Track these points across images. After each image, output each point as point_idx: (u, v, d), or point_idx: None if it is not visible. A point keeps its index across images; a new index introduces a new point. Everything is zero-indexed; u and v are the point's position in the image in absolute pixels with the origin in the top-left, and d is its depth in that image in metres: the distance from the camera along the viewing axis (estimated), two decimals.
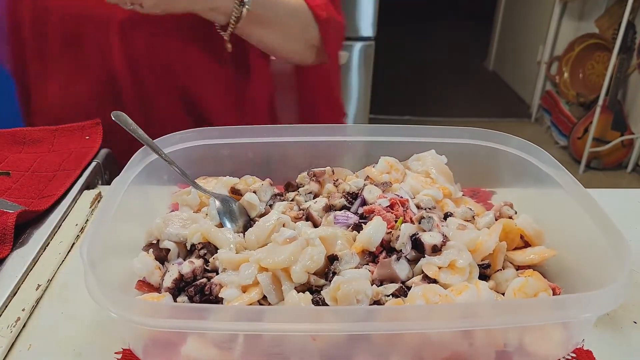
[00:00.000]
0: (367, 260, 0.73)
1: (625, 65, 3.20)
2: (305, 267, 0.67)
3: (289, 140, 0.91)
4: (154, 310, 0.57)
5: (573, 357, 0.67)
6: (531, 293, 0.69)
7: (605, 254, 0.69)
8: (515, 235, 0.79)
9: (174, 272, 0.71)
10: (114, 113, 0.85)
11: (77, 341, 0.68)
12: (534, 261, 0.76)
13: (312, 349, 0.61)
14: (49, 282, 0.78)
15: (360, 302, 0.64)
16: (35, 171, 0.98)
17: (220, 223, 0.81)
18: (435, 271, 0.69)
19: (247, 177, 0.92)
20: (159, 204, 0.88)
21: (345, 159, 0.93)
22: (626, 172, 3.46)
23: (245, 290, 0.68)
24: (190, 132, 0.89)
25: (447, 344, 0.63)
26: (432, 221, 0.75)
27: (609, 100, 3.25)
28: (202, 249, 0.74)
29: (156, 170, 0.84)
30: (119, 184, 0.76)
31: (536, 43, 4.16)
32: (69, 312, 0.73)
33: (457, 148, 0.92)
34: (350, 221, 0.78)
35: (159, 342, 0.63)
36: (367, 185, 0.84)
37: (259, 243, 0.75)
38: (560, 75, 3.80)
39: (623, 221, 0.71)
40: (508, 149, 0.89)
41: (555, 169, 0.82)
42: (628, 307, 0.76)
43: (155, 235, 0.78)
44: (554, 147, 3.75)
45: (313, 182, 0.88)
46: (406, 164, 0.93)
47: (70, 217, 0.92)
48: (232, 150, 0.91)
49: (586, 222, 0.73)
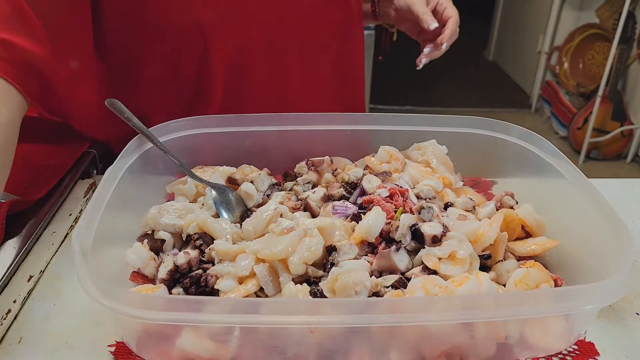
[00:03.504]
0: (366, 251, 0.72)
1: (626, 55, 3.18)
2: (303, 258, 0.66)
3: (287, 129, 0.90)
4: (147, 303, 0.56)
5: (575, 349, 0.67)
6: (533, 284, 0.69)
7: (608, 244, 0.68)
8: (517, 225, 0.79)
9: (169, 263, 0.70)
10: (108, 101, 0.84)
11: (70, 334, 0.67)
12: (536, 252, 0.76)
13: (310, 341, 0.60)
14: (41, 273, 0.76)
15: (359, 293, 0.63)
16: (28, 160, 0.97)
17: (216, 213, 0.80)
18: (435, 262, 0.68)
19: (245, 166, 0.91)
20: (154, 193, 0.87)
21: (344, 148, 0.92)
22: (626, 163, 3.45)
23: (242, 281, 0.67)
24: (186, 120, 0.88)
25: (447, 337, 0.62)
26: (432, 211, 0.73)
27: (609, 90, 3.24)
28: (198, 240, 0.73)
29: (151, 159, 0.83)
30: (112, 172, 0.74)
31: (536, 33, 4.14)
32: (61, 304, 0.71)
33: (457, 137, 0.91)
34: (349, 211, 0.77)
35: (153, 335, 0.62)
36: (367, 175, 0.84)
37: (256, 234, 0.74)
38: (561, 65, 3.78)
39: (623, 211, 0.70)
40: (509, 138, 0.88)
41: (557, 159, 0.81)
42: (630, 299, 0.75)
43: (150, 226, 0.77)
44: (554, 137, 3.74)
45: (311, 172, 0.87)
46: (406, 153, 0.92)
47: (64, 207, 0.91)
48: (229, 139, 0.90)
49: (589, 212, 0.72)
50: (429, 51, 1.06)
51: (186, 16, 0.92)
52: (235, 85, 1.02)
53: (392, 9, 1.11)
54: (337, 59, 1.12)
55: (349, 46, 1.13)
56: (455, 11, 1.05)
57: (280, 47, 1.02)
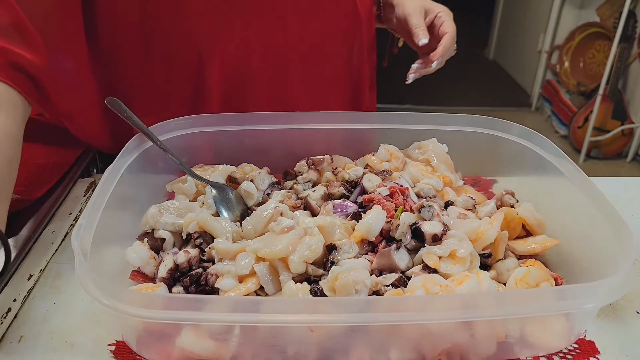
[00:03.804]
0: (366, 250, 0.72)
1: (626, 54, 3.18)
2: (303, 256, 0.66)
3: (287, 128, 0.90)
4: (147, 301, 0.56)
5: (575, 347, 0.66)
6: (533, 283, 0.69)
7: (608, 243, 0.68)
8: (517, 224, 0.79)
9: (169, 262, 0.69)
10: (107, 99, 0.84)
11: (70, 332, 0.67)
12: (536, 250, 0.76)
13: (310, 340, 0.60)
14: (41, 272, 0.76)
15: (359, 292, 0.63)
16: (28, 159, 0.96)
17: (216, 212, 0.80)
18: (435, 261, 0.68)
19: (245, 165, 0.91)
20: (154, 192, 0.87)
21: (344, 146, 0.92)
22: (626, 162, 3.44)
23: (242, 280, 0.67)
24: (186, 119, 0.88)
25: (448, 335, 0.62)
26: (432, 210, 0.73)
27: (610, 89, 3.24)
28: (198, 239, 0.73)
29: (151, 158, 0.83)
30: (112, 171, 0.74)
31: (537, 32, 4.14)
32: (61, 303, 0.71)
33: (458, 136, 0.90)
34: (349, 210, 0.77)
35: (153, 334, 0.62)
36: (367, 174, 0.83)
37: (256, 232, 0.74)
38: (561, 64, 3.78)
39: (624, 210, 0.70)
40: (510, 136, 0.88)
41: (558, 157, 0.81)
42: (630, 297, 0.75)
43: (150, 224, 0.76)
44: (554, 136, 3.74)
45: (312, 171, 0.87)
46: (407, 152, 0.92)
47: (64, 206, 0.91)
48: (229, 138, 0.90)
49: (589, 211, 0.72)
50: (417, 67, 1.03)
51: (183, 25, 0.91)
52: (233, 97, 1.01)
53: (394, 16, 1.10)
54: (345, 62, 1.10)
55: (357, 48, 1.10)
56: (452, 27, 1.03)
57: (282, 56, 1.00)
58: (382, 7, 1.14)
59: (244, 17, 0.94)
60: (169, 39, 0.93)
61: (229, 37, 0.95)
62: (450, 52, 1.04)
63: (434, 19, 1.03)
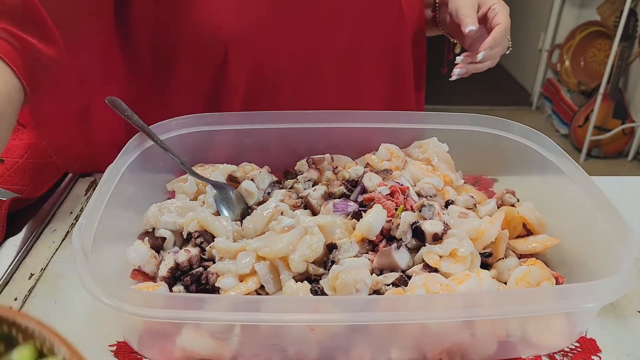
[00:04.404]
0: (366, 249, 0.72)
1: (627, 53, 3.18)
2: (304, 256, 0.66)
3: (287, 127, 0.90)
4: (148, 301, 0.56)
5: (577, 346, 0.66)
6: (534, 282, 0.68)
7: (609, 242, 0.68)
8: (518, 223, 0.79)
9: (170, 261, 0.69)
10: (108, 98, 0.83)
11: (71, 332, 0.66)
12: (537, 250, 0.76)
13: (311, 339, 0.60)
14: (42, 271, 0.76)
15: (359, 291, 0.63)
16: (29, 158, 0.97)
17: (217, 211, 0.80)
18: (436, 260, 0.68)
19: (245, 164, 0.90)
20: (154, 191, 0.87)
21: (344, 146, 0.92)
22: (627, 161, 3.44)
23: (243, 279, 0.67)
24: (186, 118, 0.87)
25: (448, 335, 0.62)
26: (433, 209, 0.73)
27: (610, 88, 3.24)
28: (199, 238, 0.73)
29: (152, 157, 0.83)
30: (113, 171, 0.74)
31: (537, 31, 4.13)
32: (62, 302, 0.71)
33: (458, 135, 0.90)
34: (350, 209, 0.77)
35: (153, 333, 0.62)
36: (367, 173, 0.83)
37: (257, 231, 0.74)
38: (562, 63, 3.78)
39: (625, 209, 0.70)
40: (510, 135, 0.88)
41: (559, 156, 0.81)
42: (631, 297, 0.75)
43: (150, 223, 0.76)
44: (555, 135, 3.74)
45: (312, 170, 0.87)
46: (407, 151, 0.92)
47: (65, 205, 0.91)
48: (229, 137, 0.90)
49: (590, 210, 0.72)
50: (463, 59, 0.94)
51: (207, 26, 0.90)
52: (257, 96, 0.98)
53: (447, 14, 1.02)
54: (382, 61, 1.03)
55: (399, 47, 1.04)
56: (506, 20, 0.94)
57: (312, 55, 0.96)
58: (438, 7, 1.08)
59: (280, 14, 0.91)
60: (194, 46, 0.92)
61: (258, 35, 0.92)
62: (503, 46, 0.96)
63: (487, 12, 0.94)
